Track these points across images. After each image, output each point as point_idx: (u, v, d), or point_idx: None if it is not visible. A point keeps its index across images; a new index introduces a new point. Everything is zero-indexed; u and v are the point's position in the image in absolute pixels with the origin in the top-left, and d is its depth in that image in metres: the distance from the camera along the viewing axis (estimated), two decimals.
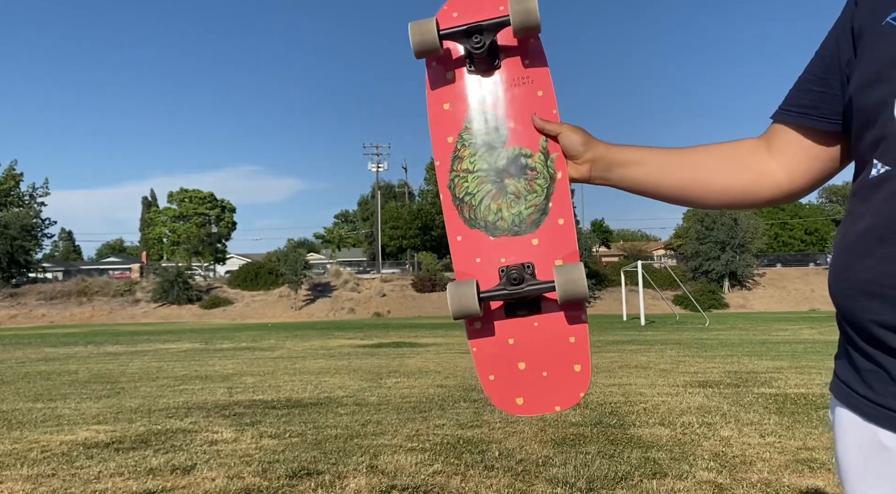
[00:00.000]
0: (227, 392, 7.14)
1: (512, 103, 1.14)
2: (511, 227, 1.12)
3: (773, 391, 6.42)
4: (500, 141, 1.14)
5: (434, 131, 1.16)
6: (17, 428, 5.19)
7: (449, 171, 1.15)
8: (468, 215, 1.13)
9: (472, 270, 1.11)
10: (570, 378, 1.09)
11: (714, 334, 18.11)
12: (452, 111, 1.16)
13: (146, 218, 79.40)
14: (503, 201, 1.13)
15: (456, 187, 1.14)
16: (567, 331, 1.09)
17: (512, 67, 1.15)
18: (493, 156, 1.14)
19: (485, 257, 1.12)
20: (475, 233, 1.13)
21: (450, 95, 1.16)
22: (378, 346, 14.86)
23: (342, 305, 51.89)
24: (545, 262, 1.10)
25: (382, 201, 65.65)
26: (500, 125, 1.14)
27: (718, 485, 3.29)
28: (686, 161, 1.05)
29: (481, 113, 1.15)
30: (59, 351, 15.38)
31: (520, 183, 1.13)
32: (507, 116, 1.15)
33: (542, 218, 1.12)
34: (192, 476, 3.61)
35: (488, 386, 1.11)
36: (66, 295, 52.79)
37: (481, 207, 1.13)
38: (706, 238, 52.54)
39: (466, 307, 1.05)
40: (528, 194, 1.12)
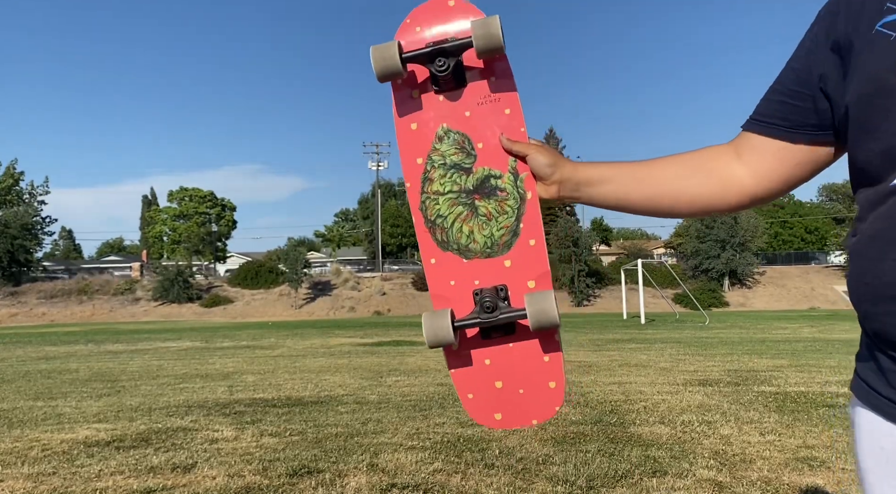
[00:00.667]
0: (227, 391, 7.14)
1: (479, 123, 1.14)
2: (483, 249, 1.12)
3: (773, 390, 6.43)
4: (468, 162, 1.13)
5: (403, 152, 1.16)
6: (18, 427, 5.19)
7: (420, 192, 1.15)
8: (440, 237, 1.13)
9: (447, 292, 1.13)
10: (545, 394, 1.12)
11: (714, 332, 18.11)
12: (420, 132, 1.15)
13: (146, 217, 79.41)
14: (475, 224, 1.13)
15: (427, 209, 1.14)
16: (541, 352, 1.11)
17: (478, 85, 1.14)
18: (463, 177, 1.13)
19: (459, 280, 1.13)
20: (448, 256, 1.13)
21: (417, 116, 1.15)
22: (378, 344, 14.86)
23: (342, 303, 51.91)
24: (518, 283, 1.11)
25: (382, 199, 65.65)
26: (468, 146, 1.14)
27: (718, 483, 3.29)
28: (652, 175, 1.06)
29: (449, 133, 1.14)
30: (59, 350, 15.39)
31: (490, 204, 1.12)
32: (475, 136, 1.14)
33: (513, 239, 1.12)
34: (192, 475, 3.62)
35: (467, 404, 1.14)
36: (66, 294, 52.81)
37: (453, 229, 1.13)
38: (706, 237, 52.55)
39: (442, 338, 1.06)
40: (498, 216, 1.12)
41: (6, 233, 51.30)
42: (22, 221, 52.29)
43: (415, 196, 1.15)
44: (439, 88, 1.14)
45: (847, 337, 15.16)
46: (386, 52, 1.07)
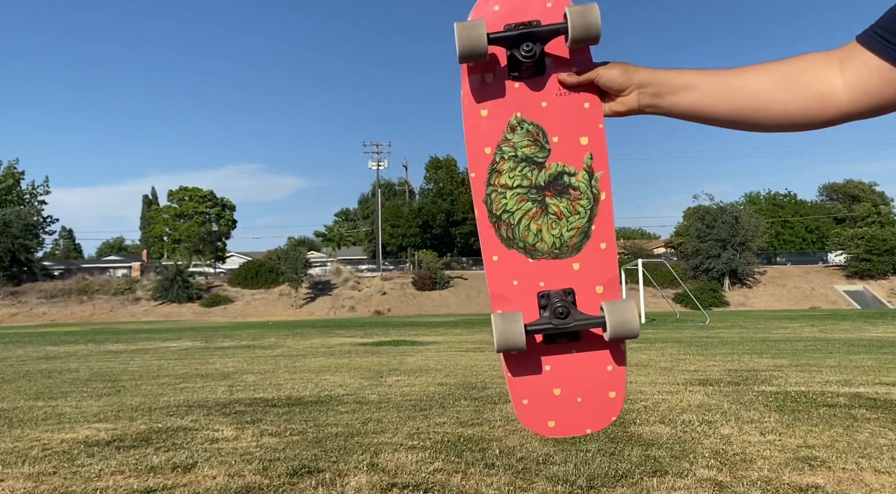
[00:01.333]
0: (227, 391, 7.14)
1: (556, 115, 1.07)
2: (551, 250, 1.07)
3: (774, 389, 6.43)
4: (542, 155, 1.07)
5: (470, 140, 1.08)
6: (18, 426, 5.19)
7: (485, 184, 1.07)
8: (506, 233, 1.07)
9: (509, 292, 1.07)
10: (604, 404, 1.09)
11: (714, 332, 18.11)
12: (491, 119, 1.08)
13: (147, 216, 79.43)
14: (544, 222, 1.07)
15: (493, 202, 1.07)
16: (605, 360, 1.08)
17: (557, 72, 1.07)
18: (534, 172, 1.07)
19: (522, 281, 1.07)
20: (512, 254, 1.07)
21: (489, 102, 1.07)
22: (378, 344, 14.86)
23: (342, 303, 51.92)
24: (586, 288, 1.07)
25: (383, 199, 65.64)
26: (542, 138, 1.07)
27: (719, 483, 3.29)
28: (743, 84, 0.99)
29: (522, 123, 1.07)
30: (59, 349, 15.39)
31: (562, 203, 1.07)
32: (551, 128, 1.07)
33: (583, 241, 1.07)
34: (192, 474, 3.62)
35: (521, 409, 1.09)
36: (66, 293, 52.83)
37: (520, 226, 1.07)
38: (707, 236, 52.53)
39: (514, 343, 1.01)
40: (570, 216, 1.07)
41: (7, 233, 51.31)
42: (23, 220, 52.28)
43: (479, 188, 1.08)
44: (517, 75, 1.07)
45: (847, 337, 15.16)
46: (473, 30, 1.00)
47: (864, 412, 5.14)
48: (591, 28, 1.00)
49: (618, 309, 1.02)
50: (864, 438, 4.23)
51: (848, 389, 6.36)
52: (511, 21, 1.03)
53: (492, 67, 1.07)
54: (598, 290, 1.07)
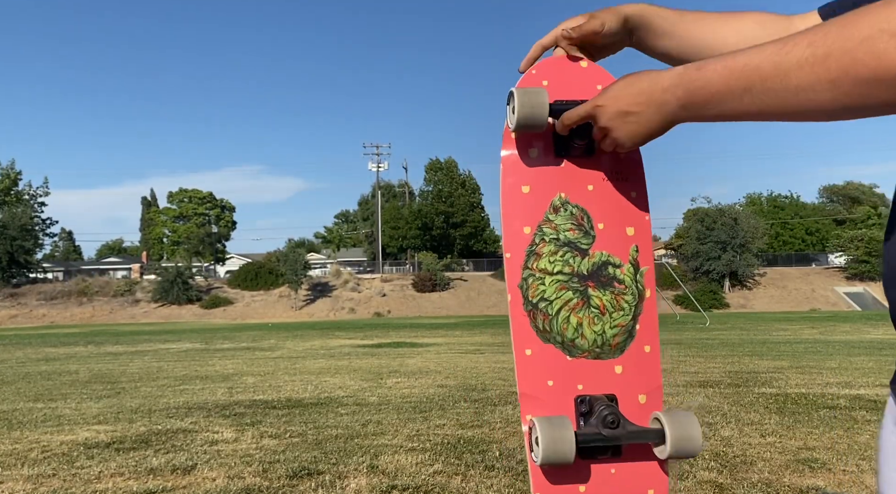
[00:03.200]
0: (227, 392, 7.14)
1: (602, 200, 0.98)
2: (592, 348, 0.96)
3: (774, 391, 6.42)
4: (586, 242, 0.97)
5: (507, 217, 0.98)
6: (18, 428, 5.19)
7: (522, 267, 0.96)
8: (542, 325, 0.96)
9: (543, 394, 0.95)
10: None
11: (715, 333, 18.11)
12: (533, 197, 0.98)
13: (146, 218, 79.47)
14: (584, 315, 0.96)
15: (529, 288, 0.96)
16: (647, 482, 0.95)
17: (607, 159, 0.99)
18: (577, 259, 0.97)
19: (558, 381, 0.95)
20: (549, 349, 0.95)
21: (531, 177, 0.98)
22: (378, 346, 14.85)
23: (342, 305, 51.93)
24: (629, 395, 0.96)
25: (383, 200, 65.66)
26: (586, 223, 0.98)
27: (719, 485, 3.29)
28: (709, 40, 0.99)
29: (567, 205, 0.98)
30: (59, 351, 15.38)
31: (605, 296, 0.97)
32: (596, 213, 0.98)
33: (627, 342, 0.97)
34: (192, 476, 3.61)
35: None
36: (66, 295, 52.83)
37: (559, 318, 0.96)
38: (707, 238, 52.56)
39: (563, 455, 0.87)
40: (613, 311, 0.97)
41: (6, 234, 51.32)
42: (21, 222, 52.29)
43: (515, 271, 0.97)
44: (565, 154, 0.98)
45: (848, 339, 15.16)
46: (535, 97, 0.91)
47: (864, 414, 5.14)
48: None
49: (681, 422, 0.90)
50: (865, 440, 4.22)
51: (848, 391, 6.36)
52: (561, 98, 0.96)
53: (538, 142, 0.98)
54: (641, 399, 0.96)
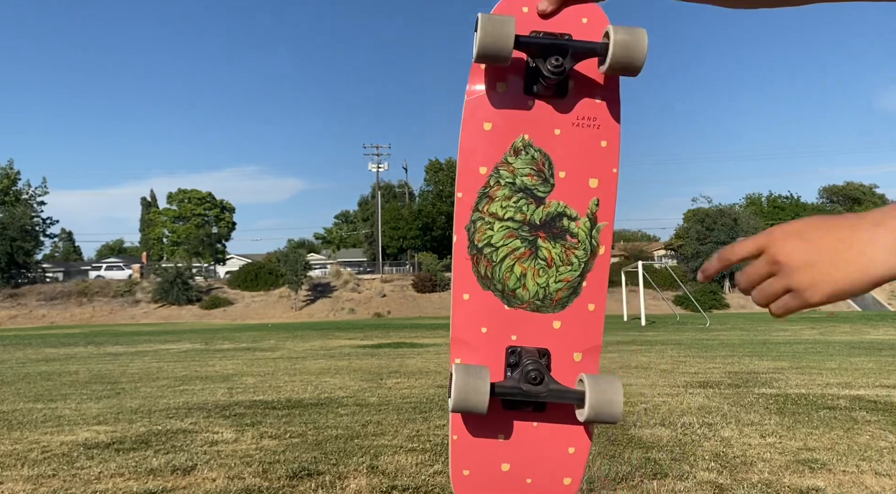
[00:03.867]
0: (227, 393, 7.14)
1: (568, 147, 0.92)
2: (533, 300, 0.92)
3: (774, 392, 6.42)
4: (543, 190, 0.92)
5: (464, 154, 0.92)
6: (18, 429, 5.18)
7: (472, 209, 0.92)
8: (484, 271, 0.92)
9: (475, 340, 0.93)
10: (556, 491, 0.94)
11: (715, 334, 18.11)
12: (494, 135, 0.91)
13: (146, 219, 79.49)
14: (530, 266, 0.92)
15: (476, 231, 0.92)
16: (569, 440, 0.93)
17: (580, 99, 0.92)
18: (531, 207, 0.92)
19: (493, 329, 0.92)
20: (487, 295, 0.92)
21: (495, 114, 0.92)
22: (378, 346, 14.85)
23: (342, 305, 51.93)
24: (563, 352, 0.93)
25: (383, 201, 65.67)
26: (547, 170, 0.92)
27: (719, 486, 3.28)
28: None
29: (529, 148, 0.92)
30: (59, 352, 15.38)
31: (555, 249, 0.92)
32: (559, 160, 0.92)
33: (571, 298, 0.93)
34: (192, 477, 3.61)
35: (459, 480, 0.96)
36: (66, 296, 52.83)
37: (502, 266, 0.92)
38: (707, 239, 52.60)
39: (474, 405, 0.87)
40: (561, 265, 0.92)
41: (5, 235, 51.32)
42: (20, 222, 52.30)
43: (464, 212, 0.92)
44: (535, 91, 0.91)
45: (848, 339, 15.16)
46: (500, 26, 0.83)
47: (864, 414, 5.14)
48: (635, 56, 0.85)
49: (602, 386, 0.86)
50: (865, 440, 4.22)
51: (848, 391, 6.36)
52: (539, 28, 0.90)
53: (507, 75, 0.91)
54: (577, 357, 0.93)
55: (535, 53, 0.88)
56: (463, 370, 0.88)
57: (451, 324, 0.94)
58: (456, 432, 0.96)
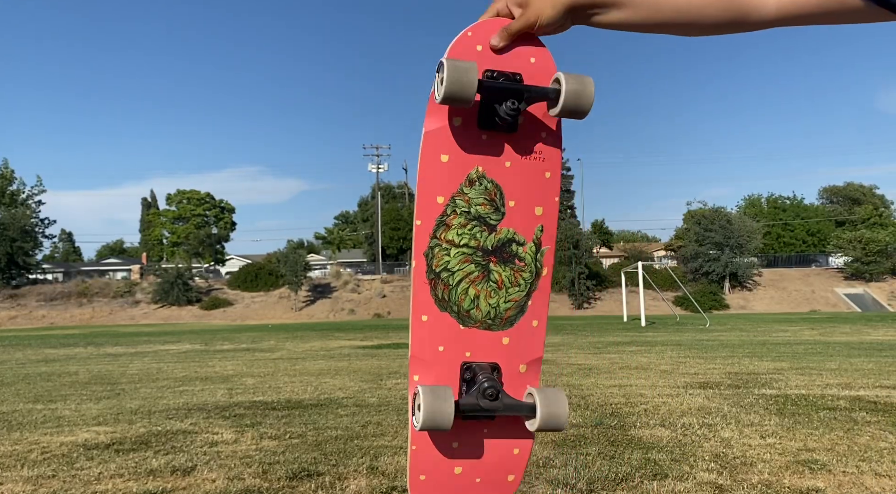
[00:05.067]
0: (227, 394, 7.13)
1: (517, 178, 1.00)
2: (485, 319, 1.00)
3: (774, 393, 6.42)
4: (495, 218, 1.00)
5: (423, 184, 0.98)
6: (18, 429, 5.18)
7: (430, 236, 0.99)
8: (441, 294, 0.99)
9: (432, 358, 0.99)
10: (501, 487, 1.04)
11: (715, 335, 18.10)
12: (450, 167, 0.98)
13: (146, 219, 79.47)
14: (483, 288, 1.00)
15: (434, 257, 0.99)
16: (514, 443, 1.03)
17: (528, 135, 1.00)
18: (484, 234, 1.00)
19: (449, 347, 1.00)
20: (444, 317, 0.99)
21: (451, 147, 0.98)
22: (378, 347, 14.86)
23: (342, 306, 51.93)
24: (511, 364, 1.01)
25: (382, 201, 65.66)
26: (498, 199, 1.00)
27: (719, 486, 3.28)
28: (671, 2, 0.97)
29: (482, 179, 0.99)
30: (59, 352, 15.38)
31: (505, 272, 1.00)
32: (509, 190, 1.00)
33: (518, 316, 1.01)
34: (192, 477, 3.61)
35: (415, 485, 1.02)
36: (66, 296, 52.83)
37: (458, 289, 0.99)
38: (704, 240, 52.61)
39: (441, 424, 0.93)
40: (510, 287, 1.01)
41: (5, 236, 51.31)
42: (20, 223, 52.30)
43: (422, 239, 0.99)
44: (489, 127, 0.98)
45: (848, 340, 15.16)
46: (465, 74, 0.90)
47: (864, 415, 5.13)
48: (583, 103, 0.94)
49: (550, 399, 0.96)
50: (865, 441, 4.22)
51: (848, 392, 6.36)
52: (492, 67, 0.97)
53: (462, 112, 0.98)
54: (522, 369, 1.02)
55: (492, 97, 0.95)
56: (430, 393, 0.94)
57: (410, 343, 1.00)
58: (415, 443, 1.02)
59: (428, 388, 0.94)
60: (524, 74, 0.97)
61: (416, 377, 1.00)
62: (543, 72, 0.98)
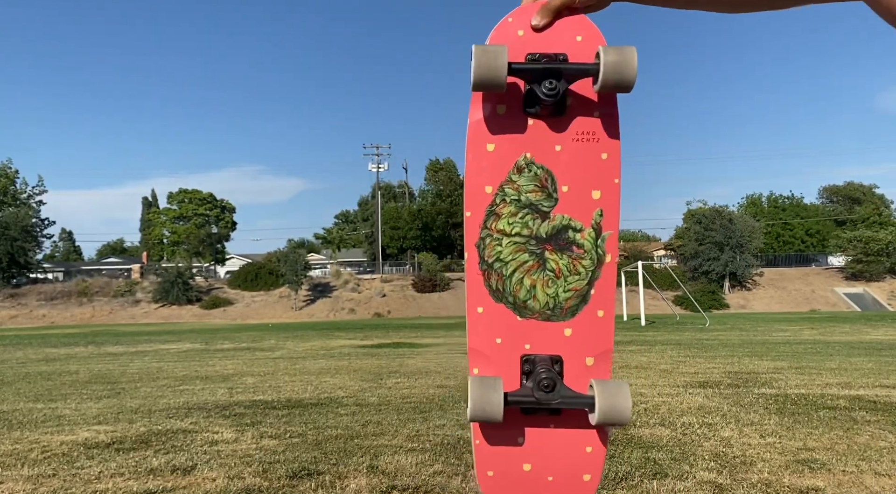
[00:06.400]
0: (227, 393, 7.14)
1: (570, 162, 0.96)
2: (543, 309, 0.97)
3: (774, 392, 6.42)
4: (547, 205, 0.97)
5: (470, 175, 0.97)
6: (18, 429, 5.19)
7: (481, 226, 0.97)
8: (496, 285, 0.97)
9: (489, 350, 0.97)
10: (576, 487, 0.99)
11: (714, 334, 18.11)
12: (497, 155, 0.96)
13: (146, 218, 79.46)
14: (539, 278, 0.97)
15: (486, 248, 0.97)
16: (586, 440, 0.98)
17: (578, 116, 0.96)
18: (537, 221, 0.97)
19: (506, 339, 0.97)
20: (500, 308, 0.97)
21: (497, 136, 0.96)
22: (378, 346, 14.86)
23: (342, 305, 51.92)
24: (576, 357, 0.97)
25: (382, 201, 65.66)
26: (550, 185, 0.97)
27: (719, 485, 3.29)
28: None
29: (531, 165, 0.96)
30: (59, 352, 15.38)
31: (562, 260, 0.97)
32: (562, 175, 0.96)
33: (580, 306, 0.97)
34: (192, 477, 3.61)
35: (485, 481, 1.00)
36: (66, 295, 52.84)
37: (512, 279, 0.97)
38: (704, 239, 52.60)
39: (490, 414, 0.92)
40: (569, 275, 0.97)
41: (6, 235, 51.32)
42: (22, 223, 52.32)
43: (473, 230, 0.97)
44: (534, 112, 0.96)
45: (847, 339, 15.16)
46: (493, 58, 0.89)
47: (864, 414, 5.14)
48: (625, 75, 0.90)
49: (610, 391, 0.92)
50: (864, 440, 4.23)
51: (848, 391, 6.36)
52: (535, 50, 0.94)
53: (506, 98, 0.96)
54: (589, 362, 0.98)
55: (529, 79, 0.93)
56: (478, 383, 0.93)
57: (467, 336, 0.98)
58: (477, 437, 1.00)
59: (477, 378, 0.93)
60: (570, 54, 0.94)
61: (476, 370, 0.98)
62: (591, 50, 0.94)
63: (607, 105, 0.96)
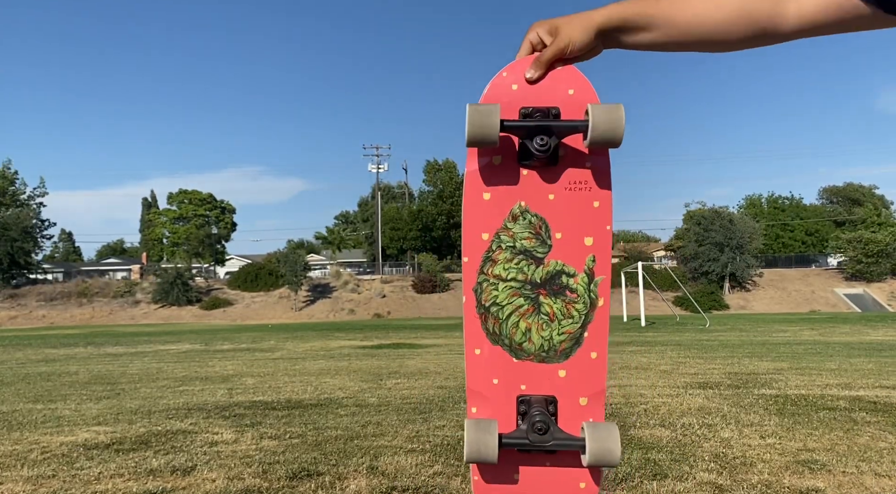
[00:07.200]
0: (227, 393, 7.13)
1: (563, 210, 1.00)
2: (538, 352, 1.01)
3: (774, 393, 6.42)
4: (541, 251, 1.01)
5: (467, 223, 1.01)
6: (18, 429, 5.18)
7: (478, 272, 1.01)
8: (492, 328, 1.01)
9: (487, 390, 1.01)
10: None
11: (714, 335, 18.11)
12: (493, 204, 1.01)
13: (146, 219, 79.46)
14: (534, 321, 1.01)
15: (483, 292, 1.01)
16: (580, 477, 1.01)
17: (570, 167, 1.00)
18: (531, 267, 1.01)
19: (504, 380, 1.01)
20: (497, 350, 1.01)
21: (492, 185, 1.01)
22: (378, 347, 14.85)
23: (342, 306, 51.92)
24: (570, 398, 1.01)
25: (382, 202, 65.66)
26: (544, 232, 1.01)
27: (719, 486, 3.29)
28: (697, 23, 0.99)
29: (526, 214, 1.01)
30: (59, 352, 15.38)
31: (556, 304, 1.01)
32: (555, 223, 1.01)
33: (573, 348, 1.01)
34: (192, 477, 3.61)
35: None
36: (66, 296, 52.83)
37: (508, 322, 1.01)
38: (704, 240, 52.59)
39: (485, 457, 0.95)
40: (562, 319, 1.01)
41: (6, 236, 51.32)
42: (22, 224, 52.32)
43: (471, 275, 1.01)
44: (526, 163, 1.00)
45: (847, 340, 15.16)
46: (486, 117, 0.93)
47: (864, 415, 5.14)
48: (614, 132, 0.93)
49: (600, 434, 0.95)
50: (865, 441, 4.22)
51: (848, 392, 6.36)
52: (529, 104, 0.98)
53: (501, 150, 1.00)
54: (582, 401, 1.01)
55: (522, 135, 0.97)
56: (474, 426, 0.96)
57: (465, 377, 1.03)
58: (475, 474, 1.03)
59: (473, 421, 0.97)
60: (562, 107, 0.98)
61: (474, 410, 1.01)
62: (582, 103, 0.98)
63: (599, 155, 1.00)
